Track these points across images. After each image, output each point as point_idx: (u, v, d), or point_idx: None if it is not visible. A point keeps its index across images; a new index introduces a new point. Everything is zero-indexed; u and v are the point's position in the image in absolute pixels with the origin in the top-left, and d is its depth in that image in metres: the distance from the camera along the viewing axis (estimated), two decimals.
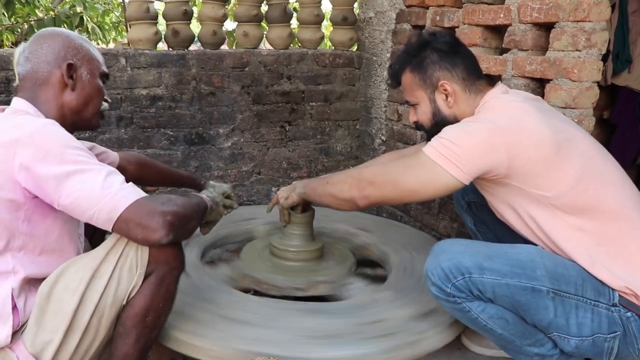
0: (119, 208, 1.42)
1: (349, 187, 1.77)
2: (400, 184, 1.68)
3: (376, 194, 1.73)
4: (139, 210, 1.43)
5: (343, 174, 1.86)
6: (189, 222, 1.55)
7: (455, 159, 1.58)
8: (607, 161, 1.69)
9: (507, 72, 2.30)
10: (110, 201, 1.42)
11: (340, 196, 1.80)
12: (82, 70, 1.66)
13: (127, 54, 2.98)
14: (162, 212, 1.44)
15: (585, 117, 2.04)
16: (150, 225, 1.43)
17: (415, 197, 1.71)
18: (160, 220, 1.43)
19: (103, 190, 1.43)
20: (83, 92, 1.66)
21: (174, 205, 1.49)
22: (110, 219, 1.43)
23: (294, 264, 2.24)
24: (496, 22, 2.37)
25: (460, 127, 1.63)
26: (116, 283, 1.50)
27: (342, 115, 3.52)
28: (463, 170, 1.58)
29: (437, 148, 1.61)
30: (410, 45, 1.86)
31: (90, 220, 1.46)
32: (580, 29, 1.99)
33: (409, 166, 1.68)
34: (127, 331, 1.55)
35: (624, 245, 1.60)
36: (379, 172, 1.75)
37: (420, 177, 1.64)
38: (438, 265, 1.62)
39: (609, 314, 1.59)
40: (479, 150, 1.57)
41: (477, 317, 1.65)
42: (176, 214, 1.47)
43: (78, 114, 1.67)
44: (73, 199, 1.43)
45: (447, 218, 2.82)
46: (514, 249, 1.65)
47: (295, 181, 2.16)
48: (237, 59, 3.19)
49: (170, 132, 3.14)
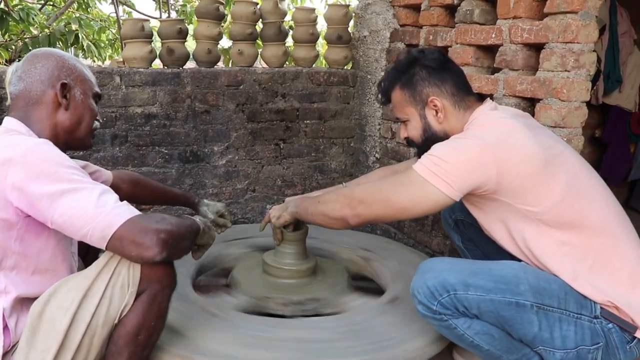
0: (113, 226, 1.43)
1: (340, 205, 1.79)
2: (391, 202, 1.70)
3: (367, 212, 1.75)
4: (132, 228, 1.44)
5: (334, 193, 1.87)
6: (182, 241, 1.55)
7: (445, 175, 1.59)
8: (591, 177, 1.72)
9: (499, 92, 2.33)
10: (104, 219, 1.43)
11: (332, 215, 1.82)
12: (76, 90, 1.68)
13: (121, 72, 3.00)
14: (156, 230, 1.45)
15: (574, 136, 2.07)
16: (144, 243, 1.44)
17: (407, 215, 1.73)
18: (154, 238, 1.44)
19: (97, 209, 1.44)
20: (76, 111, 1.68)
21: (168, 224, 1.50)
22: (104, 237, 1.44)
23: (287, 282, 2.24)
24: (488, 42, 2.40)
25: (450, 144, 1.65)
26: (108, 302, 1.50)
27: (337, 133, 3.54)
28: (453, 187, 1.60)
29: (427, 165, 1.63)
30: (400, 62, 1.88)
31: (84, 239, 1.46)
32: (569, 50, 2.02)
33: (399, 184, 1.69)
34: (119, 350, 1.55)
35: (607, 260, 1.63)
36: (369, 191, 1.77)
37: (411, 194, 1.65)
38: (424, 284, 1.64)
39: (591, 326, 1.61)
40: (469, 166, 1.59)
41: (463, 334, 1.67)
42: (170, 233, 1.48)
43: (71, 134, 1.68)
44: (67, 217, 1.44)
45: (440, 235, 2.84)
46: (498, 265, 1.67)
47: (288, 198, 2.17)
48: (232, 77, 3.21)
49: (164, 150, 3.15)
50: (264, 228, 2.27)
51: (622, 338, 1.62)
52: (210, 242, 1.88)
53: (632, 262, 1.64)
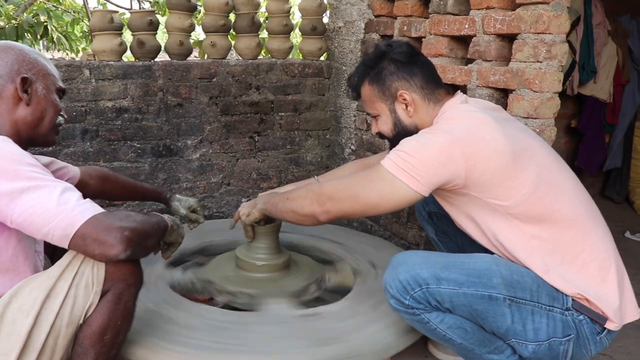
0: (75, 224, 1.39)
1: (309, 202, 1.76)
2: (360, 198, 1.67)
3: (337, 209, 1.72)
4: (95, 226, 1.40)
5: (303, 189, 1.84)
6: (147, 239, 1.52)
7: (414, 171, 1.58)
8: (561, 170, 1.71)
9: (472, 82, 2.32)
10: (66, 217, 1.40)
11: (301, 212, 1.79)
12: (38, 84, 1.63)
13: (91, 65, 2.94)
14: (120, 227, 1.42)
15: (547, 127, 2.06)
16: (107, 241, 1.40)
17: (376, 211, 1.70)
18: (117, 236, 1.41)
19: (58, 207, 1.40)
20: (38, 107, 1.63)
21: (132, 221, 1.47)
22: (66, 236, 1.40)
23: (260, 276, 2.21)
24: (461, 33, 2.39)
25: (417, 139, 1.63)
26: (72, 302, 1.47)
27: (312, 125, 3.51)
28: (421, 183, 1.58)
29: (396, 161, 1.61)
30: (367, 57, 1.86)
31: (46, 238, 1.43)
32: (541, 41, 2.01)
33: (368, 180, 1.67)
34: (85, 351, 1.52)
35: (577, 253, 1.63)
36: (338, 187, 1.74)
37: (380, 190, 1.63)
38: (396, 278, 1.63)
39: (563, 318, 1.61)
40: (437, 161, 1.57)
41: (436, 328, 1.66)
42: (134, 230, 1.45)
43: (33, 130, 1.63)
44: (27, 215, 1.39)
45: (415, 227, 2.83)
46: (471, 258, 1.66)
47: (260, 194, 2.14)
48: (205, 69, 3.17)
49: (137, 145, 3.10)
50: (234, 226, 2.24)
51: (593, 329, 1.62)
52: (180, 241, 1.83)
53: (602, 255, 1.64)
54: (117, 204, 3.06)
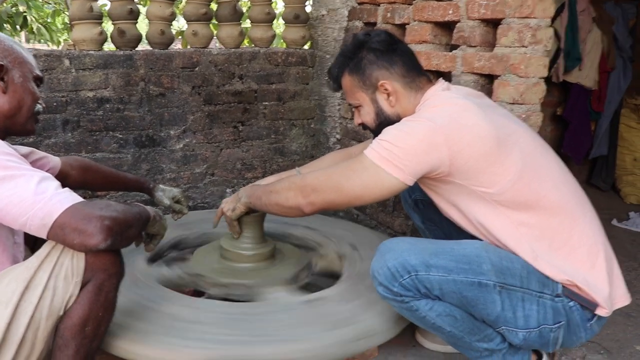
0: (54, 213, 1.37)
1: (294, 194, 1.74)
2: (344, 189, 1.66)
3: (321, 200, 1.70)
4: (74, 215, 1.37)
5: (287, 181, 1.82)
6: (128, 228, 1.49)
7: (397, 160, 1.56)
8: (547, 155, 1.70)
9: (457, 69, 2.30)
10: (44, 207, 1.37)
11: (286, 204, 1.77)
12: (14, 72, 1.59)
13: (70, 55, 2.88)
14: (100, 216, 1.39)
15: (533, 113, 2.05)
16: (87, 230, 1.37)
17: (361, 201, 1.69)
18: (97, 225, 1.38)
19: (36, 196, 1.37)
20: (15, 95, 1.59)
21: (113, 210, 1.44)
22: (44, 225, 1.37)
23: (249, 266, 2.18)
24: (445, 19, 2.37)
25: (400, 128, 1.61)
26: (51, 293, 1.44)
27: (296, 114, 3.48)
28: (405, 172, 1.56)
29: (379, 150, 1.59)
30: (346, 47, 1.83)
31: (23, 228, 1.39)
32: (525, 25, 1.99)
33: (352, 170, 1.65)
34: (66, 343, 1.49)
35: (565, 239, 1.61)
36: (322, 178, 1.72)
37: (364, 181, 1.61)
38: (384, 265, 1.61)
39: (553, 304, 1.60)
40: (420, 149, 1.55)
41: (425, 316, 1.64)
42: (115, 219, 1.42)
43: (11, 119, 1.59)
44: (3, 205, 1.37)
45: (402, 216, 2.81)
46: (460, 245, 1.64)
47: (242, 188, 2.11)
48: (187, 58, 3.12)
49: (119, 135, 3.05)
50: (217, 223, 2.21)
51: (583, 316, 1.61)
52: (162, 232, 1.81)
53: (590, 241, 1.63)
54: (100, 195, 3.01)
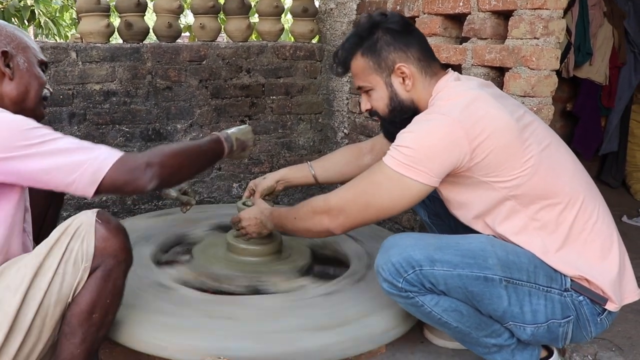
0: (104, 168, 1.41)
1: (319, 219, 1.70)
2: (372, 206, 1.62)
3: (351, 221, 1.67)
4: (122, 167, 1.44)
5: (308, 205, 1.77)
6: (179, 170, 1.59)
7: (420, 164, 1.51)
8: (560, 147, 1.66)
9: (467, 61, 2.27)
10: (94, 163, 1.41)
11: (315, 230, 1.74)
12: (19, 58, 1.59)
13: (77, 47, 2.87)
14: (146, 163, 1.47)
15: (545, 106, 2.01)
16: (135, 180, 1.45)
17: (391, 213, 1.64)
18: (144, 174, 1.46)
19: (83, 156, 1.41)
20: (22, 80, 1.59)
21: (159, 155, 1.52)
22: (94, 181, 1.41)
23: (252, 259, 2.17)
24: (455, 11, 2.33)
25: (415, 130, 1.55)
26: (60, 279, 1.44)
27: (304, 108, 3.45)
28: (430, 174, 1.52)
29: (398, 158, 1.53)
30: (360, 26, 1.74)
31: (69, 188, 1.42)
32: (537, 17, 1.96)
33: (376, 184, 1.59)
34: (73, 330, 1.48)
35: (577, 233, 1.58)
36: (348, 197, 1.67)
37: (391, 192, 1.57)
38: (388, 260, 1.58)
39: (561, 299, 1.57)
40: (441, 148, 1.51)
41: (430, 311, 1.61)
42: (161, 164, 1.50)
43: (19, 105, 1.58)
44: (50, 168, 1.39)
45: (409, 211, 2.78)
46: (465, 239, 1.61)
47: (258, 212, 2.05)
48: (194, 52, 3.11)
49: (125, 129, 3.05)
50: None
51: (593, 310, 1.58)
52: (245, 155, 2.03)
53: (603, 235, 1.60)
54: None
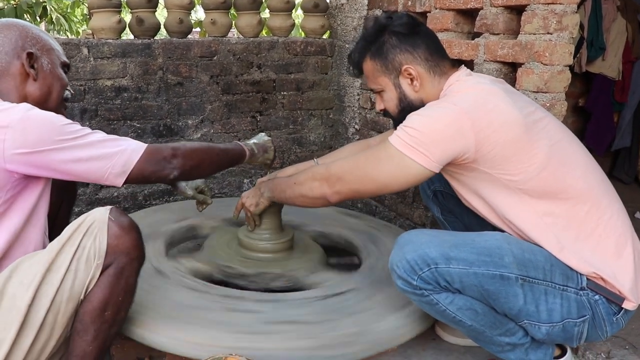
0: (133, 159, 1.53)
1: (319, 184, 1.73)
2: (370, 178, 1.63)
3: (347, 189, 1.69)
4: (150, 159, 1.57)
5: (309, 172, 1.80)
6: (199, 165, 1.73)
7: (423, 147, 1.52)
8: (572, 143, 1.65)
9: (479, 57, 2.25)
10: (123, 155, 1.51)
11: (311, 195, 1.76)
12: (43, 59, 1.62)
13: (89, 43, 2.88)
14: (172, 154, 1.63)
15: (558, 102, 2.00)
16: (161, 170, 1.60)
17: (387, 190, 1.67)
18: (169, 164, 1.62)
19: (114, 148, 1.51)
20: (45, 82, 1.62)
21: (183, 147, 1.68)
22: (124, 172, 1.52)
23: (264, 256, 2.17)
24: (468, 6, 2.32)
25: (424, 114, 1.57)
26: (73, 276, 1.44)
27: (315, 104, 3.45)
28: (431, 159, 1.53)
29: (403, 138, 1.55)
30: (367, 31, 1.79)
31: (102, 179, 1.51)
32: (551, 12, 1.94)
33: (377, 158, 1.62)
34: (85, 327, 1.49)
35: (591, 229, 1.57)
36: (347, 167, 1.70)
37: (390, 169, 1.58)
38: (403, 258, 1.57)
39: (577, 298, 1.56)
40: (446, 135, 1.52)
41: (445, 309, 1.60)
42: (184, 154, 1.66)
43: (42, 105, 1.59)
44: (85, 161, 1.47)
45: (421, 207, 2.78)
46: (481, 236, 1.60)
47: (259, 181, 2.10)
48: (205, 47, 3.11)
49: (137, 124, 3.05)
50: (237, 216, 2.19)
51: (609, 310, 1.57)
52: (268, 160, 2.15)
53: (618, 231, 1.59)
54: None
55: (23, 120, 1.40)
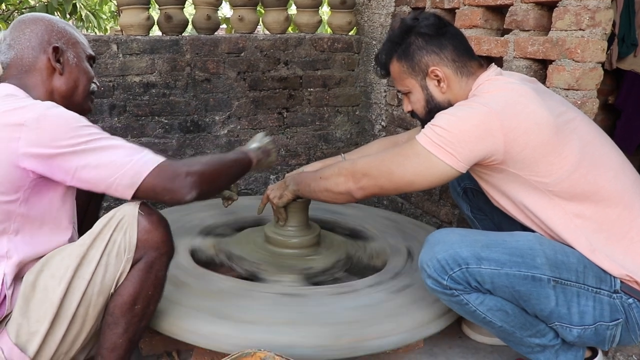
0: (143, 173, 1.44)
1: (344, 179, 1.73)
2: (395, 175, 1.62)
3: (372, 186, 1.68)
4: (162, 174, 1.46)
5: (336, 167, 1.80)
6: (217, 179, 1.62)
7: (450, 146, 1.51)
8: (605, 144, 1.62)
9: (509, 54, 2.23)
10: (134, 167, 1.43)
11: (336, 190, 1.76)
12: (69, 53, 1.62)
13: (118, 40, 2.91)
14: (186, 172, 1.49)
15: (589, 99, 1.97)
16: (174, 188, 1.47)
17: (412, 188, 1.65)
18: (183, 182, 1.48)
19: (124, 158, 1.44)
20: (72, 75, 1.62)
21: (199, 164, 1.55)
22: (132, 185, 1.44)
23: (291, 252, 2.17)
24: (497, 2, 2.30)
25: (453, 113, 1.56)
26: (103, 270, 1.47)
27: (341, 101, 3.45)
28: (458, 158, 1.51)
29: (431, 136, 1.54)
30: (394, 32, 1.77)
31: (109, 189, 1.44)
32: (583, 7, 1.91)
33: (404, 156, 1.61)
34: (115, 321, 1.51)
35: (624, 232, 1.54)
36: (373, 164, 1.69)
37: (416, 167, 1.57)
38: (433, 257, 1.56)
39: (610, 301, 1.53)
40: (474, 136, 1.50)
41: (475, 310, 1.59)
42: (200, 174, 1.52)
43: (68, 99, 1.62)
44: (92, 168, 1.42)
45: (448, 204, 2.76)
46: (512, 237, 1.58)
47: (287, 174, 2.10)
48: (233, 44, 3.12)
49: (164, 120, 3.08)
50: (262, 210, 2.20)
51: None
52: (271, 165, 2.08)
53: None
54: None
55: (39, 119, 1.39)
